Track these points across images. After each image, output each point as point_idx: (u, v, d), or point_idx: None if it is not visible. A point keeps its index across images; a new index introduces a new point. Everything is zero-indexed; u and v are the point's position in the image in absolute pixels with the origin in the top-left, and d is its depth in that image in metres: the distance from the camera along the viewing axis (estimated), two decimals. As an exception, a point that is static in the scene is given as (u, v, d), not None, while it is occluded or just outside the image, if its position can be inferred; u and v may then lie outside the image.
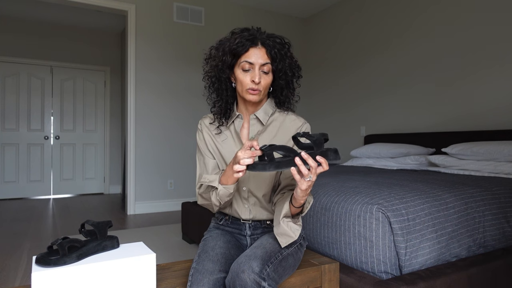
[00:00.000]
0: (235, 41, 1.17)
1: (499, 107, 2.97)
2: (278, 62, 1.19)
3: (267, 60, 1.18)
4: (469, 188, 1.78)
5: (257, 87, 1.18)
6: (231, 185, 1.13)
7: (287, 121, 1.28)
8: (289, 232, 1.13)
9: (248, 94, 1.19)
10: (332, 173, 2.47)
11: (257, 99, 1.20)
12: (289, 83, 1.25)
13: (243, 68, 1.18)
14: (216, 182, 1.16)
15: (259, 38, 1.18)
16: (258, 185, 1.25)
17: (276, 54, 1.18)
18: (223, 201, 1.18)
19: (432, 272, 1.42)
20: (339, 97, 4.68)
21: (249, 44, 1.16)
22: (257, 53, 1.17)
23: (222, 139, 1.29)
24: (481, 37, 3.09)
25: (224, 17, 4.69)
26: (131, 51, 4.12)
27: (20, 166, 5.32)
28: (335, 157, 1.00)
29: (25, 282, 2.10)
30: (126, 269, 1.04)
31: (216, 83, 1.26)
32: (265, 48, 1.18)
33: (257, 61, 1.17)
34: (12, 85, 5.24)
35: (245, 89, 1.19)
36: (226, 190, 1.14)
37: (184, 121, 4.44)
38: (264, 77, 1.19)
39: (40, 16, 5.17)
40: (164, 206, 4.32)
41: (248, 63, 1.17)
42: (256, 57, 1.17)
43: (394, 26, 3.91)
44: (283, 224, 1.13)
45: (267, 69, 1.18)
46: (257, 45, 1.17)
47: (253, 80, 1.17)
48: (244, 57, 1.17)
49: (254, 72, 1.17)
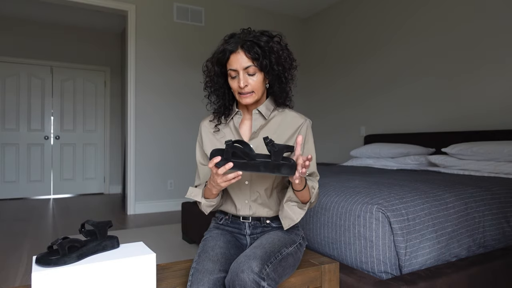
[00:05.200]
0: (219, 50, 1.23)
1: (499, 107, 2.97)
2: (261, 60, 1.18)
3: (248, 63, 1.18)
4: (469, 188, 1.78)
5: (245, 90, 1.20)
6: (214, 198, 1.23)
7: (288, 118, 1.30)
8: (291, 215, 1.20)
9: (241, 98, 1.23)
10: (332, 173, 2.47)
11: (251, 101, 1.23)
12: (280, 77, 1.25)
13: (230, 75, 1.22)
14: (199, 196, 1.25)
15: (240, 42, 1.18)
16: (260, 179, 1.27)
17: (256, 53, 1.17)
18: (207, 211, 1.27)
19: (432, 272, 1.42)
20: (338, 97, 4.68)
21: (229, 51, 1.19)
22: (238, 58, 1.18)
23: (220, 136, 1.32)
24: (481, 36, 3.09)
25: (224, 17, 4.69)
26: (131, 51, 4.12)
27: (20, 166, 5.32)
28: (289, 172, 1.04)
29: (25, 282, 2.10)
30: (126, 269, 1.05)
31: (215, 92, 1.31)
32: (244, 51, 1.18)
33: (239, 66, 1.19)
34: (12, 85, 5.24)
35: (236, 93, 1.23)
36: (208, 203, 1.24)
37: (184, 121, 4.44)
38: (251, 78, 1.20)
39: (40, 16, 5.17)
40: (164, 206, 4.32)
41: (232, 70, 1.20)
42: (237, 63, 1.19)
43: (393, 25, 3.91)
44: (286, 207, 1.20)
45: (252, 71, 1.19)
46: (236, 50, 1.19)
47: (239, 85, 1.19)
48: (228, 65, 1.21)
49: (239, 77, 1.20)
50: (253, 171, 1.04)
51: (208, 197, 1.23)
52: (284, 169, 1.03)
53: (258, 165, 1.04)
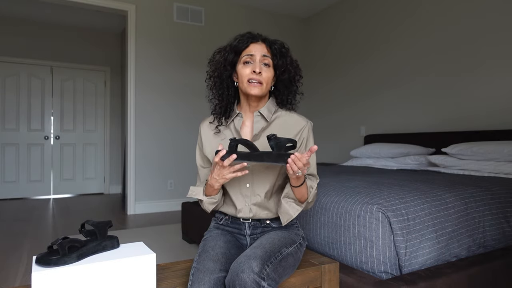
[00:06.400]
0: (236, 40, 1.25)
1: (499, 107, 2.97)
2: (278, 58, 1.24)
3: (267, 53, 1.23)
4: (469, 188, 1.78)
5: (258, 77, 1.20)
6: (215, 195, 1.24)
7: (290, 120, 1.30)
8: (288, 210, 1.21)
9: (249, 86, 1.21)
10: (332, 173, 2.47)
11: (259, 92, 1.22)
12: (291, 81, 1.29)
13: (244, 61, 1.23)
14: (201, 194, 1.27)
15: (260, 37, 1.26)
16: (261, 182, 1.27)
17: (276, 50, 1.24)
18: (209, 209, 1.29)
19: (432, 272, 1.42)
20: (338, 96, 4.68)
21: (250, 40, 1.24)
22: (258, 47, 1.23)
23: (221, 138, 1.31)
24: (482, 36, 3.09)
25: (224, 17, 4.69)
26: (131, 51, 4.12)
27: (20, 166, 5.32)
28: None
29: (25, 282, 2.10)
30: (126, 269, 1.05)
31: (218, 82, 1.29)
32: (266, 44, 1.25)
33: (258, 53, 1.22)
34: (12, 85, 5.24)
35: (246, 80, 1.21)
36: (210, 200, 1.26)
37: (184, 121, 4.44)
38: (265, 70, 1.22)
39: (40, 16, 5.17)
40: (164, 206, 4.32)
41: (249, 55, 1.22)
42: (256, 50, 1.22)
43: (393, 25, 3.91)
44: (284, 203, 1.22)
45: (268, 62, 1.23)
46: (257, 41, 1.25)
47: (254, 70, 1.20)
48: (245, 52, 1.23)
49: (255, 63, 1.21)
50: (256, 161, 1.07)
51: (209, 194, 1.24)
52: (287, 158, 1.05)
53: (261, 155, 1.07)
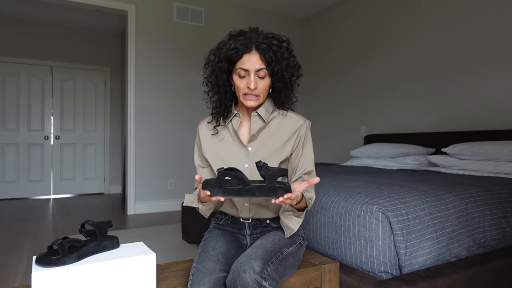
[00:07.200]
0: (230, 46, 1.18)
1: (499, 107, 2.97)
2: (274, 65, 1.19)
3: (261, 66, 1.18)
4: (469, 188, 1.78)
5: (253, 92, 1.19)
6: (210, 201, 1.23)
7: (287, 119, 1.29)
8: (290, 225, 1.24)
9: (245, 99, 1.21)
10: (332, 173, 2.47)
11: (255, 104, 1.21)
12: (287, 84, 1.26)
13: (239, 74, 1.19)
14: (196, 202, 1.27)
15: (254, 42, 1.17)
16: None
17: (271, 57, 1.18)
18: (207, 215, 1.29)
19: (432, 272, 1.42)
20: (338, 97, 4.68)
21: (243, 50, 1.16)
22: (251, 59, 1.17)
23: (219, 138, 1.31)
24: (482, 36, 3.09)
25: (224, 17, 4.69)
26: (131, 51, 4.12)
27: (20, 166, 5.32)
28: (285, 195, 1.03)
29: (25, 282, 2.10)
30: (126, 269, 1.05)
31: (215, 88, 1.28)
32: (259, 53, 1.17)
33: (252, 67, 1.17)
34: (12, 85, 5.24)
35: (242, 94, 1.21)
36: (206, 206, 1.25)
37: (184, 121, 4.44)
38: (260, 82, 1.20)
39: (40, 16, 5.17)
40: (164, 206, 4.32)
41: (243, 70, 1.18)
42: (250, 63, 1.17)
43: (393, 25, 3.91)
44: (283, 217, 1.25)
45: (262, 74, 1.19)
46: (251, 50, 1.17)
47: (248, 86, 1.18)
48: (239, 64, 1.18)
49: (250, 78, 1.18)
50: (248, 196, 1.03)
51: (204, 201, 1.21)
52: (279, 192, 1.01)
53: (253, 189, 1.03)
